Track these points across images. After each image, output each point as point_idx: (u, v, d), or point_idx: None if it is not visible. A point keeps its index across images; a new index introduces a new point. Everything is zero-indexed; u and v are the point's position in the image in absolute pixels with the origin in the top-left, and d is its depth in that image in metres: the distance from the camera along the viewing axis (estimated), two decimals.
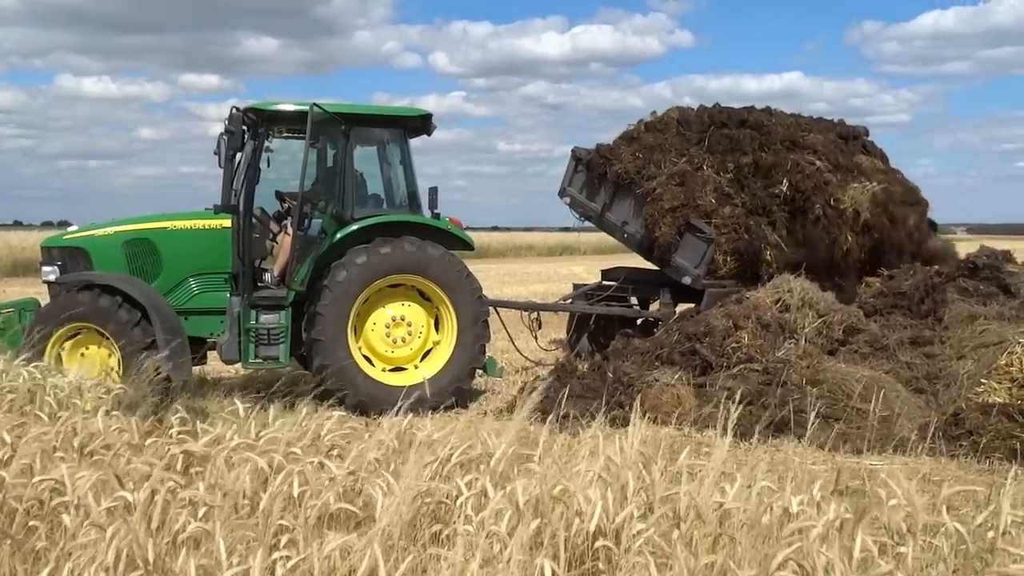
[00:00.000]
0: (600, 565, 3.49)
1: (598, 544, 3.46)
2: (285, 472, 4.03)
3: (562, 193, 12.47)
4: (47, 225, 76.92)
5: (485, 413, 9.16)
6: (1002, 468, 6.83)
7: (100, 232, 9.34)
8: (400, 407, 5.61)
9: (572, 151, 12.34)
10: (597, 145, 12.35)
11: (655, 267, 11.90)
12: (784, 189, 11.36)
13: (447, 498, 3.84)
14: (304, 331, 9.06)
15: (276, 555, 3.30)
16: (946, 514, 3.89)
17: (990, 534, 3.87)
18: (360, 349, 9.28)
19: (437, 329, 9.54)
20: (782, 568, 3.36)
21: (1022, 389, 7.75)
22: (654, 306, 11.98)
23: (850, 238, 11.38)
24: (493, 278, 26.66)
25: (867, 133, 13.42)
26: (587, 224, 12.77)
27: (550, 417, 7.78)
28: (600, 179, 11.98)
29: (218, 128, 8.91)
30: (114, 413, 5.59)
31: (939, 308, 9.67)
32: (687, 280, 11.02)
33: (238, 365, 9.46)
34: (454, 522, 3.70)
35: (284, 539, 3.55)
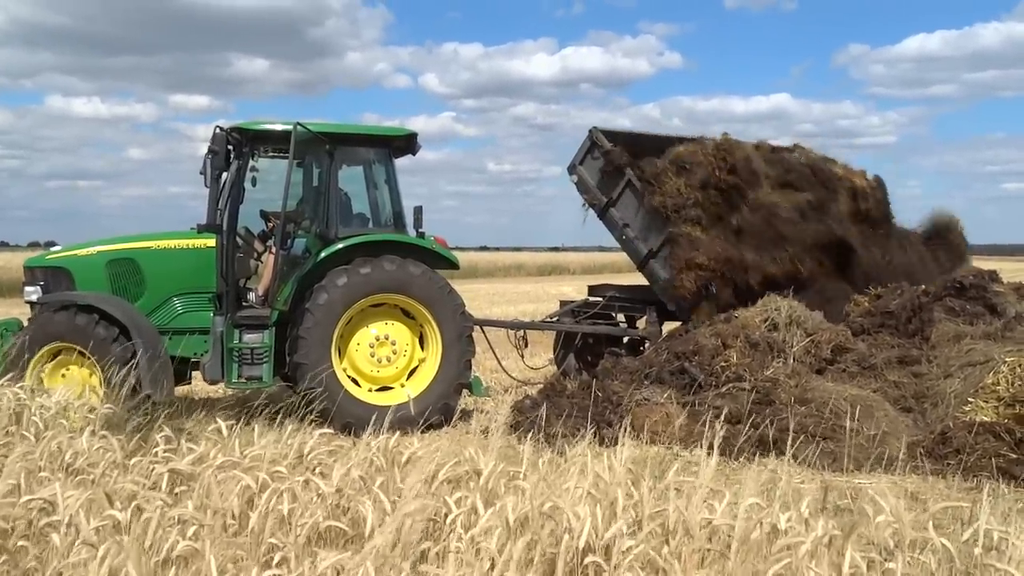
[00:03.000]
0: None
1: (588, 560, 3.45)
2: (272, 490, 4.02)
3: (571, 170, 11.94)
4: (34, 246, 76.59)
5: (475, 432, 9.13)
6: (989, 486, 6.84)
7: (83, 252, 9.32)
8: (386, 425, 5.59)
9: (590, 132, 11.68)
10: (638, 163, 11.57)
11: (639, 281, 11.85)
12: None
13: (437, 516, 3.82)
14: (288, 354, 9.02)
15: (268, 573, 3.28)
16: (933, 530, 3.89)
17: (976, 550, 3.88)
18: (345, 370, 9.24)
19: (422, 346, 9.52)
20: None
21: (1008, 408, 7.77)
22: (640, 323, 11.94)
23: None
24: (482, 298, 26.67)
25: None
26: (574, 244, 12.62)
27: (539, 436, 7.85)
28: (615, 172, 11.40)
29: (206, 148, 8.92)
30: (100, 433, 5.55)
31: (926, 327, 9.72)
32: (672, 306, 11.05)
33: (222, 385, 9.41)
34: (444, 539, 3.68)
35: (276, 557, 3.53)
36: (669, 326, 11.46)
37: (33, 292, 9.23)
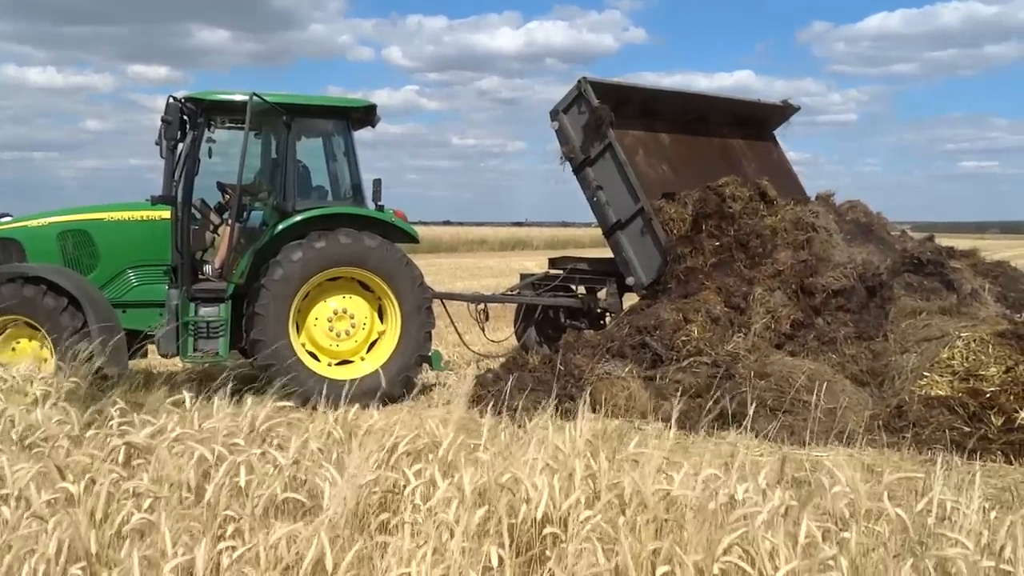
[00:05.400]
0: (547, 552, 3.49)
1: (546, 531, 3.46)
2: (229, 462, 3.97)
3: (554, 116, 11.49)
4: None
5: (438, 406, 9.11)
6: (942, 458, 6.95)
7: (34, 223, 9.13)
8: (347, 398, 5.56)
9: (579, 83, 11.14)
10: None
11: (602, 252, 11.74)
12: None
13: (395, 487, 3.80)
14: (245, 330, 8.93)
15: (222, 545, 3.24)
16: (887, 501, 3.95)
17: (929, 520, 3.94)
18: (304, 346, 9.16)
19: (381, 319, 9.46)
20: (728, 553, 3.39)
21: (963, 382, 7.88)
22: (601, 295, 11.86)
23: None
24: (445, 272, 26.63)
25: None
26: (538, 219, 12.32)
27: (498, 408, 7.85)
28: (598, 131, 10.96)
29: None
30: (59, 404, 5.47)
31: (886, 304, 9.80)
32: (630, 281, 11.01)
33: (177, 359, 9.29)
34: (402, 511, 3.67)
35: (230, 529, 3.50)
36: (630, 299, 11.44)
37: None
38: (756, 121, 13.42)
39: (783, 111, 13.50)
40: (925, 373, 8.20)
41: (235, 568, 3.08)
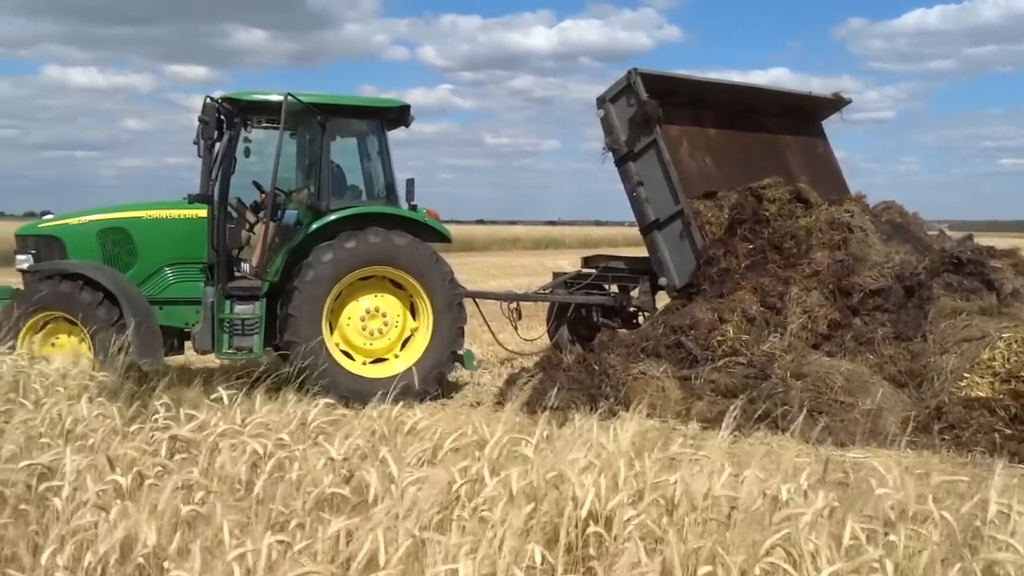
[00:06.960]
0: (591, 551, 3.49)
1: (590, 530, 3.46)
2: (278, 457, 4.02)
3: (600, 103, 11.23)
4: (30, 215, 76.12)
5: (475, 404, 9.16)
6: (983, 461, 6.87)
7: (75, 221, 9.32)
8: (388, 396, 5.60)
9: (628, 74, 10.84)
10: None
11: (636, 251, 11.67)
12: None
13: (449, 485, 3.81)
14: (279, 331, 9.02)
15: (275, 538, 3.28)
16: (932, 503, 3.91)
17: (976, 523, 3.90)
18: (338, 345, 9.24)
19: (413, 317, 9.51)
20: (771, 554, 3.37)
21: (1004, 383, 7.78)
22: (634, 294, 11.81)
23: None
24: (478, 271, 26.68)
25: None
26: (571, 218, 12.20)
27: (534, 407, 7.87)
28: (645, 126, 10.78)
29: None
30: (97, 400, 5.54)
31: (925, 304, 9.69)
32: (662, 282, 10.95)
33: (213, 355, 9.39)
34: (448, 508, 3.68)
35: (288, 523, 3.54)
36: (663, 298, 11.37)
37: (24, 260, 9.23)
38: (804, 114, 13.28)
39: (834, 104, 13.28)
40: (965, 374, 8.12)
41: (290, 561, 3.11)
